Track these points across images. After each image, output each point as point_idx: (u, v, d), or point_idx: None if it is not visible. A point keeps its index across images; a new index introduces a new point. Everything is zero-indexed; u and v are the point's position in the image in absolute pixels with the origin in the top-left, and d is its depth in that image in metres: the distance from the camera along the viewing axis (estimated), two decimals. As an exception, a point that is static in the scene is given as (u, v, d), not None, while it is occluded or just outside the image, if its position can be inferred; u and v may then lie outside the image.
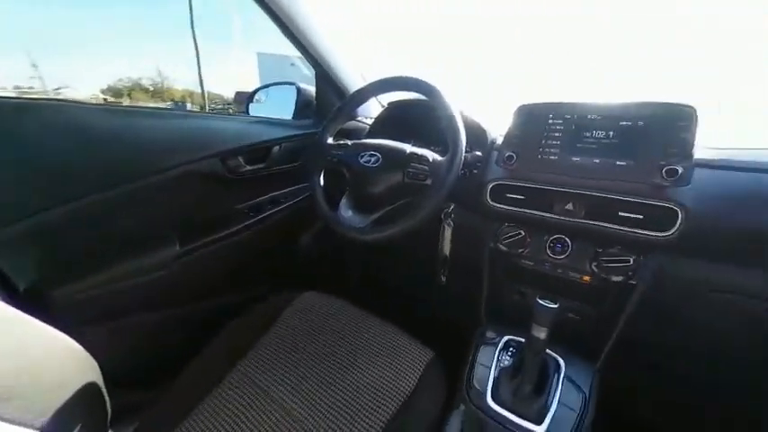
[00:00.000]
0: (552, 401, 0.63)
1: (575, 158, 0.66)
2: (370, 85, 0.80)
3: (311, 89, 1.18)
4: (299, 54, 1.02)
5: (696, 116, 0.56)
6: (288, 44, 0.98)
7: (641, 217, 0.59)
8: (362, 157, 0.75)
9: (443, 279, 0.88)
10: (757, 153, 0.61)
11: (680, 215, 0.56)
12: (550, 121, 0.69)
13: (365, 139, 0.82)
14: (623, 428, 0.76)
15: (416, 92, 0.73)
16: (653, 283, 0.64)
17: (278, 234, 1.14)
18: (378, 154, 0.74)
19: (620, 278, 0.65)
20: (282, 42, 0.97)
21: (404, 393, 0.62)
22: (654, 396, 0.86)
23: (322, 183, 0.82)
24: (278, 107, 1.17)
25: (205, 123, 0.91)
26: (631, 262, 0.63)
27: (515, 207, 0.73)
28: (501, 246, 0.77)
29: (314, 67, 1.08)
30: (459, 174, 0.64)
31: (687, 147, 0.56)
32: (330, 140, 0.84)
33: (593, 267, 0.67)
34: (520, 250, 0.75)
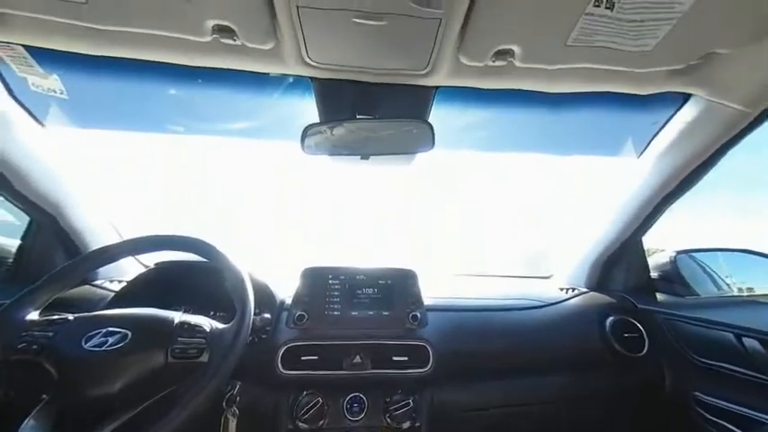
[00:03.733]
0: None
1: (353, 312, 0.77)
2: (131, 242, 0.65)
3: None
4: None
5: (417, 277, 0.83)
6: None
7: (407, 358, 0.73)
8: (91, 338, 0.51)
9: None
10: (477, 300, 0.91)
11: (429, 350, 0.73)
12: (330, 282, 0.80)
13: (106, 309, 0.59)
14: None
15: (195, 253, 0.66)
16: (432, 421, 0.72)
17: None
18: (124, 330, 0.53)
19: (408, 423, 0.69)
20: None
21: None
22: None
23: None
24: None
25: None
26: (411, 403, 0.70)
27: (310, 370, 0.70)
28: (300, 424, 0.67)
29: (28, 211, 0.78)
30: (247, 341, 0.56)
31: (418, 297, 0.80)
32: (33, 315, 0.55)
33: (387, 419, 0.70)
34: (320, 423, 0.68)
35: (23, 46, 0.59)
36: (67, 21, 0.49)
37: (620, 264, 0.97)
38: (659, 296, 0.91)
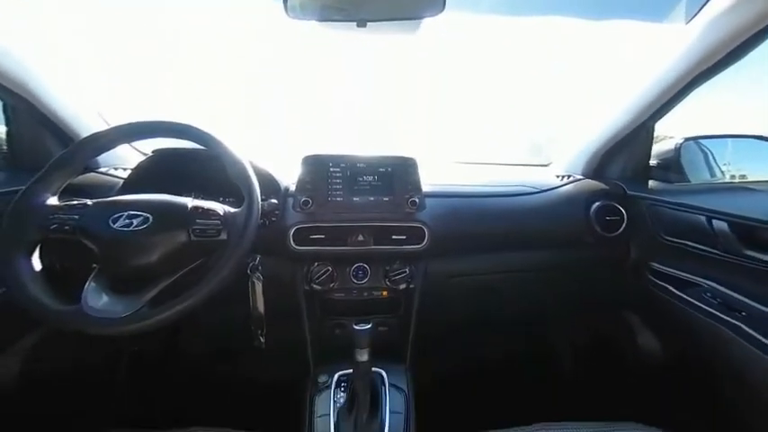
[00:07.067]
0: (385, 414, 0.70)
1: (355, 198, 0.81)
2: (125, 128, 0.63)
3: None
4: None
5: (417, 164, 0.84)
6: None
7: (405, 237, 0.81)
8: (117, 219, 0.56)
9: (262, 340, 0.79)
10: (474, 187, 0.95)
11: (425, 231, 0.81)
12: (331, 169, 0.81)
13: (119, 195, 0.62)
14: (435, 403, 0.93)
15: (192, 141, 0.64)
16: (424, 285, 0.86)
17: None
18: (145, 213, 0.57)
19: (404, 285, 0.83)
20: None
21: None
22: (443, 364, 1.15)
23: (39, 266, 0.54)
24: None
25: None
26: (408, 271, 0.83)
27: (319, 246, 0.79)
28: (315, 286, 0.80)
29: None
30: (259, 223, 0.61)
31: (417, 184, 0.82)
32: (53, 200, 0.58)
33: (387, 282, 0.83)
34: (331, 285, 0.81)
35: None
36: None
37: (623, 151, 0.95)
38: (651, 183, 0.93)
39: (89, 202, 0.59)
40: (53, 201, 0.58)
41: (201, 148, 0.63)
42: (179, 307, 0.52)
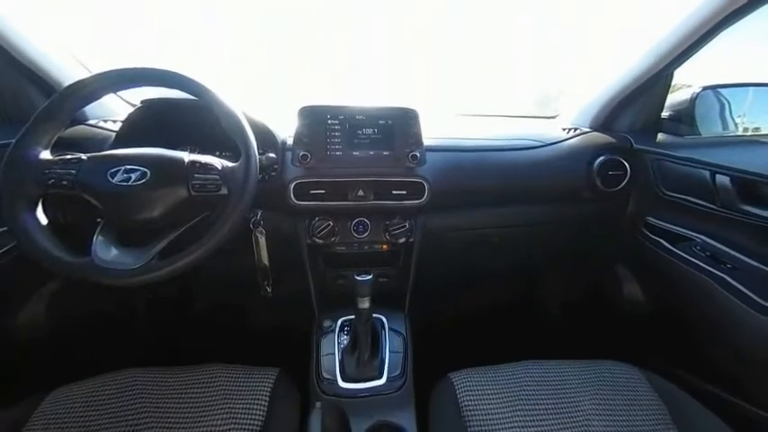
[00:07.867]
0: (385, 353, 0.77)
1: (355, 152, 0.79)
2: (103, 76, 0.59)
3: None
4: None
5: (418, 116, 0.80)
6: None
7: (405, 192, 0.81)
8: (115, 174, 0.55)
9: (269, 290, 0.83)
10: (476, 140, 0.92)
11: (426, 186, 0.81)
12: (329, 122, 0.78)
13: (112, 149, 0.61)
14: (431, 345, 1.00)
15: (183, 90, 0.60)
16: (423, 238, 0.89)
17: None
18: (142, 168, 0.57)
19: (403, 239, 0.85)
20: None
21: (256, 426, 0.55)
22: (440, 311, 1.22)
23: (44, 220, 0.55)
24: None
25: None
26: (407, 226, 0.84)
27: (319, 201, 0.80)
28: (316, 240, 0.82)
29: None
30: (258, 178, 0.60)
31: (418, 137, 0.80)
32: (46, 154, 0.57)
33: (387, 236, 0.85)
34: (332, 239, 0.83)
35: None
36: None
37: (635, 102, 0.90)
38: (660, 136, 0.90)
39: (83, 156, 0.58)
40: (46, 155, 0.56)
41: (193, 98, 0.60)
42: (187, 260, 0.54)
